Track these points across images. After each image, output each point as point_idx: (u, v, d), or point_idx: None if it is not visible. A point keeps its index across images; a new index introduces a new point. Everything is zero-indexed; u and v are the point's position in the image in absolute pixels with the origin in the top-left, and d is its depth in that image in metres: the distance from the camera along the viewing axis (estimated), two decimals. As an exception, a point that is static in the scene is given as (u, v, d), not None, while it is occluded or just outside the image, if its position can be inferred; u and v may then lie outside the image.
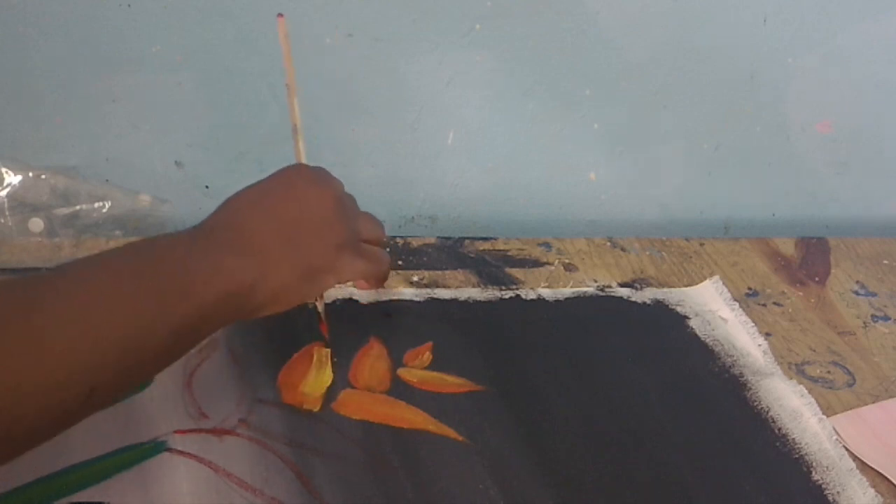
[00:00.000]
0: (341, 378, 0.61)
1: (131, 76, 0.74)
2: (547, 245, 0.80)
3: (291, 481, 0.52)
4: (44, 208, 0.71)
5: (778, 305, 0.76)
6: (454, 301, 0.70)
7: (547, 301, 0.72)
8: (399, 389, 0.61)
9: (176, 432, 0.55)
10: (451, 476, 0.54)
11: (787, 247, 0.85)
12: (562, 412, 0.61)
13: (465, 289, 0.72)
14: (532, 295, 0.72)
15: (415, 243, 0.78)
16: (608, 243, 0.82)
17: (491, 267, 0.76)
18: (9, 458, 0.40)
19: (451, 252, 0.77)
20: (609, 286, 0.75)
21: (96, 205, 0.72)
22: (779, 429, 0.62)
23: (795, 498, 0.56)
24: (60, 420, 0.42)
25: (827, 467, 0.59)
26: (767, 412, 0.63)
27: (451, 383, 0.62)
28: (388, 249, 0.74)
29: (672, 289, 0.76)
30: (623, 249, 0.81)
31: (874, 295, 0.79)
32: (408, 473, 0.54)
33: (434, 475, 0.54)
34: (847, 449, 0.60)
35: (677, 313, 0.73)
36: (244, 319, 0.52)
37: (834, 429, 0.62)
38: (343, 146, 0.81)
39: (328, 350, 0.62)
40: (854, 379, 0.68)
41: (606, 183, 0.89)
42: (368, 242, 0.59)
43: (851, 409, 0.64)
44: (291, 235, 0.52)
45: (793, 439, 0.61)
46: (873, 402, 0.65)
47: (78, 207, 0.72)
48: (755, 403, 0.64)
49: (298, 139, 0.60)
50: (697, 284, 0.77)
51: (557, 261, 0.78)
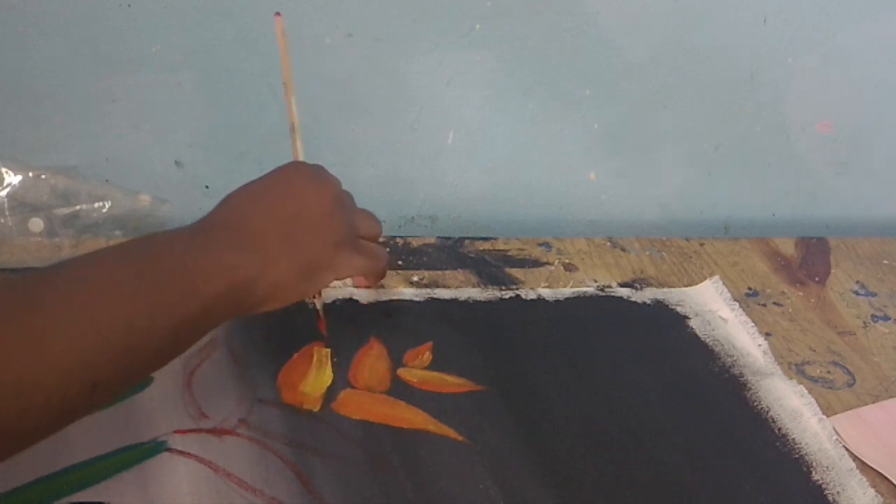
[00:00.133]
0: (341, 378, 0.61)
1: (131, 76, 0.74)
2: (547, 245, 0.80)
3: (291, 481, 0.52)
4: (44, 208, 0.71)
5: (778, 305, 0.76)
6: (454, 301, 0.70)
7: (547, 301, 0.72)
8: (399, 389, 0.61)
9: (176, 432, 0.55)
10: (451, 476, 0.54)
11: (787, 247, 0.85)
12: (562, 412, 0.61)
13: (465, 289, 0.72)
14: (532, 295, 0.72)
15: (415, 243, 0.78)
16: (608, 243, 0.82)
17: (491, 267, 0.76)
18: (12, 453, 0.40)
19: (451, 252, 0.77)
20: (609, 286, 0.75)
21: (96, 205, 0.72)
22: (779, 429, 0.62)
23: (795, 498, 0.56)
24: (63, 416, 0.42)
25: (827, 467, 0.59)
26: (767, 412, 0.63)
27: (451, 383, 0.62)
28: (388, 249, 0.74)
29: (672, 289, 0.76)
30: (623, 249, 0.81)
31: (874, 295, 0.79)
32: (408, 473, 0.54)
33: (434, 475, 0.54)
34: (847, 449, 0.60)
35: (677, 313, 0.73)
36: (244, 315, 0.52)
37: (834, 429, 0.62)
38: (343, 146, 0.81)
39: (328, 350, 0.62)
40: (854, 379, 0.68)
41: (606, 183, 0.89)
42: (366, 239, 0.59)
43: (851, 409, 0.64)
44: (290, 232, 0.53)
45: (793, 439, 0.61)
46: (873, 402, 0.65)
47: (78, 207, 0.72)
48: (755, 403, 0.64)
49: (296, 137, 0.60)
50: (697, 284, 0.77)
51: (557, 261, 0.78)
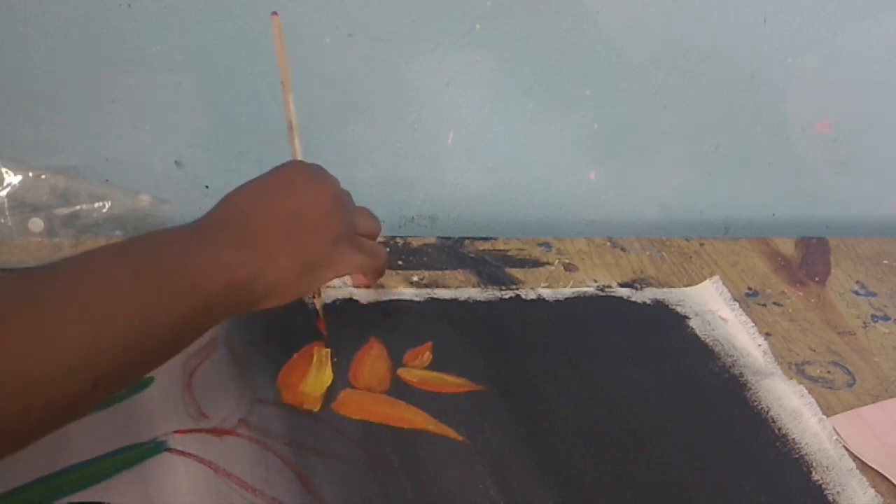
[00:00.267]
0: (341, 378, 0.61)
1: (131, 76, 0.74)
2: (547, 245, 0.80)
3: (291, 481, 0.52)
4: (44, 208, 0.71)
5: (778, 305, 0.76)
6: (454, 301, 0.70)
7: (547, 301, 0.72)
8: (399, 389, 0.61)
9: (176, 432, 0.55)
10: (451, 476, 0.54)
11: (787, 247, 0.85)
12: (562, 412, 0.61)
13: (465, 289, 0.72)
14: (532, 295, 0.72)
15: (415, 243, 0.78)
16: (608, 243, 0.82)
17: (491, 267, 0.76)
18: (13, 451, 0.40)
19: (451, 252, 0.77)
20: (609, 286, 0.75)
21: (96, 205, 0.72)
22: (779, 429, 0.62)
23: (795, 498, 0.56)
24: (65, 413, 0.42)
25: (827, 467, 0.59)
26: (767, 412, 0.63)
27: (451, 383, 0.62)
28: (388, 249, 0.74)
29: (672, 289, 0.76)
30: (623, 249, 0.81)
31: (874, 295, 0.79)
32: (408, 473, 0.54)
33: (434, 475, 0.54)
34: (847, 449, 0.60)
35: (677, 313, 0.73)
36: (244, 312, 0.52)
37: (834, 429, 0.62)
38: (343, 146, 0.81)
39: (328, 350, 0.62)
40: (854, 379, 0.68)
41: (606, 183, 0.89)
42: (365, 237, 0.60)
43: (851, 409, 0.64)
44: (290, 229, 0.53)
45: (793, 439, 0.61)
46: (873, 402, 0.65)
47: (78, 207, 0.72)
48: (755, 403, 0.64)
49: (294, 136, 0.60)
50: (697, 284, 0.77)
51: (557, 261, 0.78)
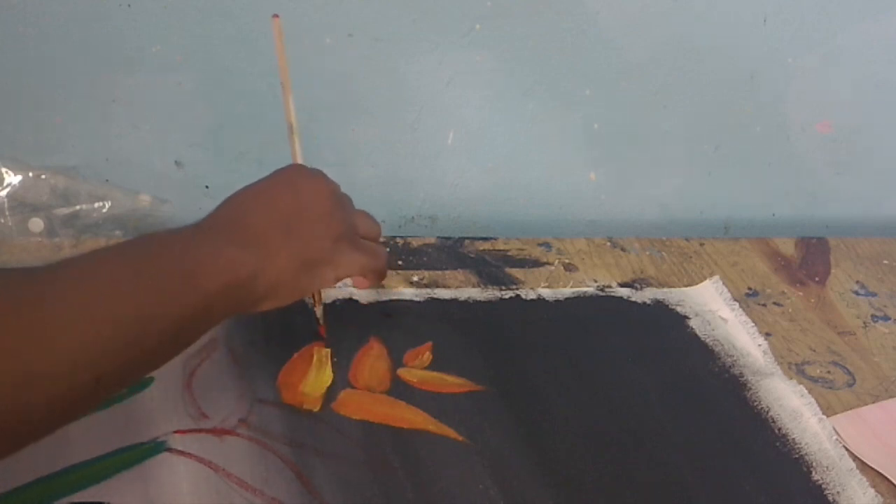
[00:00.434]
0: (341, 378, 0.61)
1: (131, 76, 0.74)
2: (547, 245, 0.80)
3: (291, 481, 0.52)
4: (44, 208, 0.71)
5: (778, 305, 0.76)
6: (454, 301, 0.70)
7: (547, 301, 0.72)
8: (399, 389, 0.61)
9: (176, 432, 0.55)
10: (451, 476, 0.54)
11: (787, 247, 0.85)
12: (562, 412, 0.61)
13: (465, 289, 0.72)
14: (532, 295, 0.72)
15: (415, 243, 0.78)
16: (608, 243, 0.82)
17: (491, 267, 0.76)
18: (14, 450, 0.40)
19: (451, 252, 0.77)
20: (609, 286, 0.75)
21: (96, 205, 0.72)
22: (779, 429, 0.62)
23: (795, 498, 0.56)
24: (66, 411, 0.42)
25: (827, 467, 0.59)
26: (767, 412, 0.63)
27: (451, 383, 0.62)
28: (388, 249, 0.74)
29: (672, 289, 0.76)
30: (623, 249, 0.81)
31: (874, 295, 0.79)
32: (408, 473, 0.54)
33: (434, 475, 0.54)
34: (847, 449, 0.60)
35: (677, 313, 0.73)
36: (245, 312, 0.52)
37: (834, 429, 0.62)
38: (343, 146, 0.81)
39: (328, 350, 0.62)
40: (854, 379, 0.68)
41: (606, 183, 0.89)
42: (366, 239, 0.59)
43: (851, 409, 0.64)
44: (290, 227, 0.53)
45: (793, 439, 0.61)
46: (873, 402, 0.65)
47: (78, 207, 0.72)
48: (755, 403, 0.64)
49: (294, 139, 0.60)
50: (697, 284, 0.77)
51: (557, 261, 0.78)
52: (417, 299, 0.70)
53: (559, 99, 0.83)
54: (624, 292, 0.75)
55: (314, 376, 0.61)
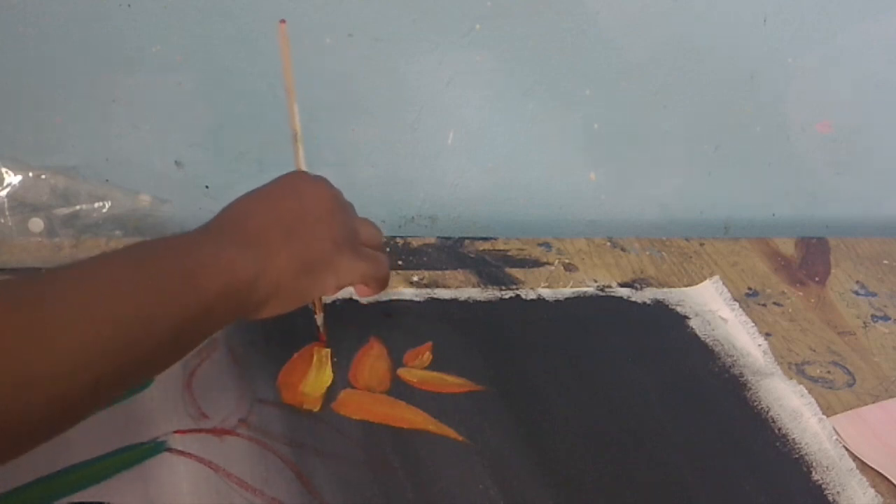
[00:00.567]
0: (341, 378, 0.61)
1: (131, 76, 0.74)
2: (547, 245, 0.80)
3: (291, 481, 0.52)
4: (44, 208, 0.71)
5: (778, 305, 0.76)
6: (454, 301, 0.70)
7: (547, 301, 0.72)
8: (399, 389, 0.61)
9: (176, 432, 0.55)
10: (451, 476, 0.54)
11: (787, 247, 0.85)
12: (562, 412, 0.61)
13: (465, 289, 0.72)
14: (532, 295, 0.72)
15: (415, 243, 0.78)
16: (608, 243, 0.82)
17: (491, 267, 0.76)
18: (13, 455, 0.40)
19: (451, 252, 0.77)
20: (609, 286, 0.75)
21: (96, 205, 0.72)
22: (779, 429, 0.62)
23: (795, 498, 0.56)
24: (66, 414, 0.42)
25: (827, 467, 0.59)
26: (767, 412, 0.63)
27: (451, 383, 0.62)
28: (388, 249, 0.74)
29: (672, 289, 0.76)
30: (623, 249, 0.81)
31: (874, 295, 0.79)
32: (408, 473, 0.54)
33: (434, 475, 0.54)
34: (847, 449, 0.60)
35: (677, 313, 0.73)
36: (246, 317, 0.52)
37: (834, 429, 0.62)
38: (343, 146, 0.81)
39: (328, 350, 0.63)
40: (854, 379, 0.68)
41: (606, 183, 0.89)
42: (367, 247, 0.59)
43: (851, 409, 0.64)
44: (291, 229, 0.53)
45: (793, 439, 0.61)
46: (873, 402, 0.65)
47: (78, 207, 0.72)
48: (755, 403, 0.64)
49: (298, 146, 0.60)
50: (697, 284, 0.77)
51: (557, 261, 0.78)
52: (417, 299, 0.70)
53: (559, 99, 0.83)
54: (624, 292, 0.75)
55: (314, 376, 0.61)
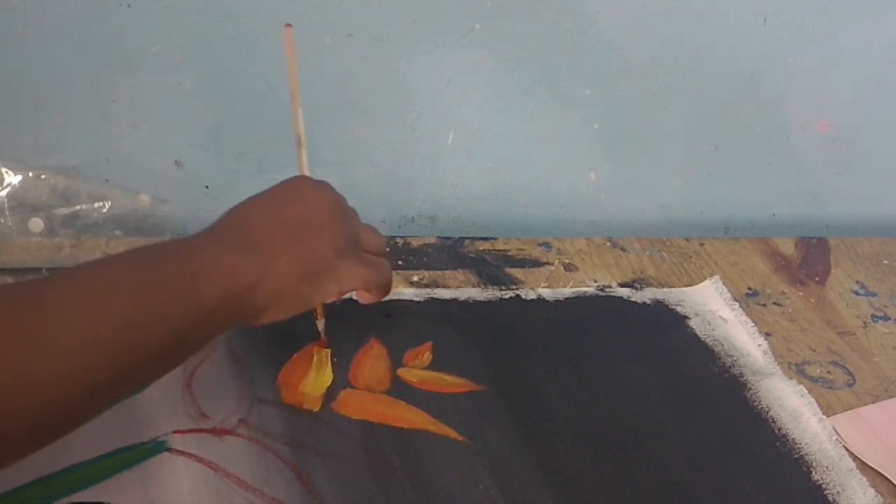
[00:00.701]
0: (341, 378, 0.61)
1: (131, 76, 0.74)
2: (547, 245, 0.80)
3: (291, 481, 0.52)
4: (44, 208, 0.71)
5: (778, 305, 0.76)
6: (454, 301, 0.70)
7: (547, 301, 0.72)
8: (399, 389, 0.61)
9: (176, 432, 0.55)
10: (451, 476, 0.54)
11: (787, 247, 0.85)
12: (562, 412, 0.61)
13: (465, 289, 0.72)
14: (532, 295, 0.72)
15: (415, 243, 0.78)
16: (608, 243, 0.82)
17: (491, 267, 0.76)
18: (10, 461, 0.40)
19: (451, 252, 0.77)
20: (609, 286, 0.75)
21: (96, 205, 0.72)
22: (779, 429, 0.62)
23: (795, 498, 0.56)
24: (61, 420, 0.42)
25: (827, 467, 0.59)
26: (767, 412, 0.63)
27: (451, 383, 0.62)
28: (388, 250, 0.74)
29: (672, 289, 0.76)
30: (623, 249, 0.81)
31: (874, 295, 0.79)
32: (408, 473, 0.54)
33: (434, 475, 0.54)
34: (847, 449, 0.60)
35: (677, 313, 0.73)
36: (247, 323, 0.52)
37: (834, 429, 0.62)
38: (343, 146, 0.81)
39: (328, 350, 0.62)
40: (854, 379, 0.68)
41: (606, 183, 0.89)
42: (370, 253, 0.59)
43: (851, 409, 0.64)
44: (293, 233, 0.53)
45: (793, 439, 0.61)
46: (873, 402, 0.65)
47: (78, 207, 0.72)
48: (755, 403, 0.64)
49: (302, 151, 0.60)
50: (697, 284, 0.77)
51: (557, 261, 0.78)
52: (417, 299, 0.70)
53: (559, 99, 0.83)
54: (624, 292, 0.75)
55: (314, 376, 0.61)
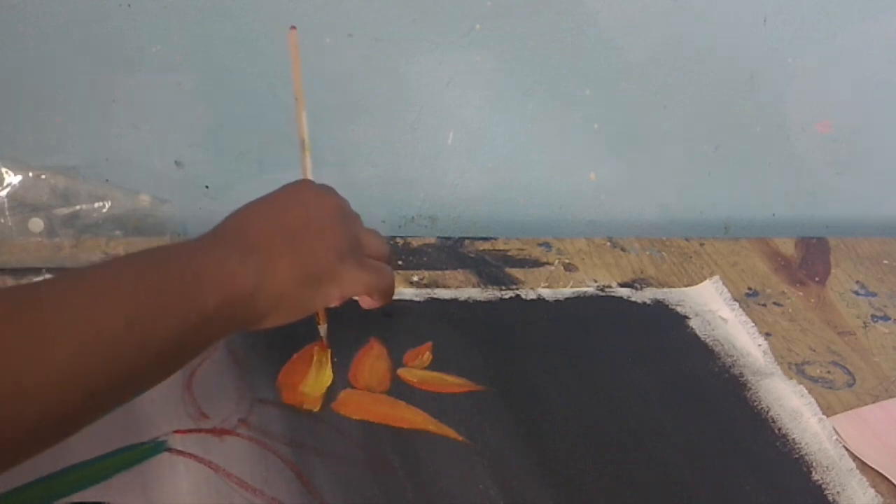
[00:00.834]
0: (341, 378, 0.61)
1: (131, 76, 0.74)
2: (547, 245, 0.80)
3: (291, 481, 0.52)
4: (44, 208, 0.71)
5: (778, 305, 0.76)
6: (454, 301, 0.70)
7: (547, 301, 0.72)
8: (399, 389, 0.61)
9: (176, 432, 0.55)
10: (451, 476, 0.54)
11: (787, 247, 0.85)
12: (562, 412, 0.61)
13: (465, 289, 0.72)
14: (532, 295, 0.72)
15: (415, 243, 0.78)
16: (608, 243, 0.82)
17: (491, 267, 0.76)
18: (11, 463, 0.40)
19: (451, 252, 0.77)
20: (609, 286, 0.75)
21: (96, 205, 0.72)
22: (779, 429, 0.62)
23: (795, 498, 0.56)
24: (59, 424, 0.42)
25: (827, 467, 0.59)
26: (767, 412, 0.63)
27: (451, 383, 0.62)
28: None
29: (672, 289, 0.76)
30: (623, 249, 0.81)
31: (874, 295, 0.79)
32: (408, 473, 0.54)
33: (434, 475, 0.54)
34: (847, 449, 0.60)
35: (677, 313, 0.73)
36: (248, 328, 0.51)
37: (834, 429, 0.62)
38: (343, 146, 0.81)
39: (328, 350, 0.63)
40: (854, 379, 0.68)
41: (606, 183, 0.89)
42: (372, 258, 0.59)
43: (851, 409, 0.64)
44: (295, 237, 0.53)
45: (793, 439, 0.61)
46: (873, 402, 0.65)
47: (78, 207, 0.72)
48: (755, 403, 0.64)
49: (306, 155, 0.59)
50: (697, 284, 0.77)
51: (557, 261, 0.78)
52: (417, 299, 0.70)
53: (559, 99, 0.83)
54: (624, 292, 0.75)
55: (314, 376, 0.61)
